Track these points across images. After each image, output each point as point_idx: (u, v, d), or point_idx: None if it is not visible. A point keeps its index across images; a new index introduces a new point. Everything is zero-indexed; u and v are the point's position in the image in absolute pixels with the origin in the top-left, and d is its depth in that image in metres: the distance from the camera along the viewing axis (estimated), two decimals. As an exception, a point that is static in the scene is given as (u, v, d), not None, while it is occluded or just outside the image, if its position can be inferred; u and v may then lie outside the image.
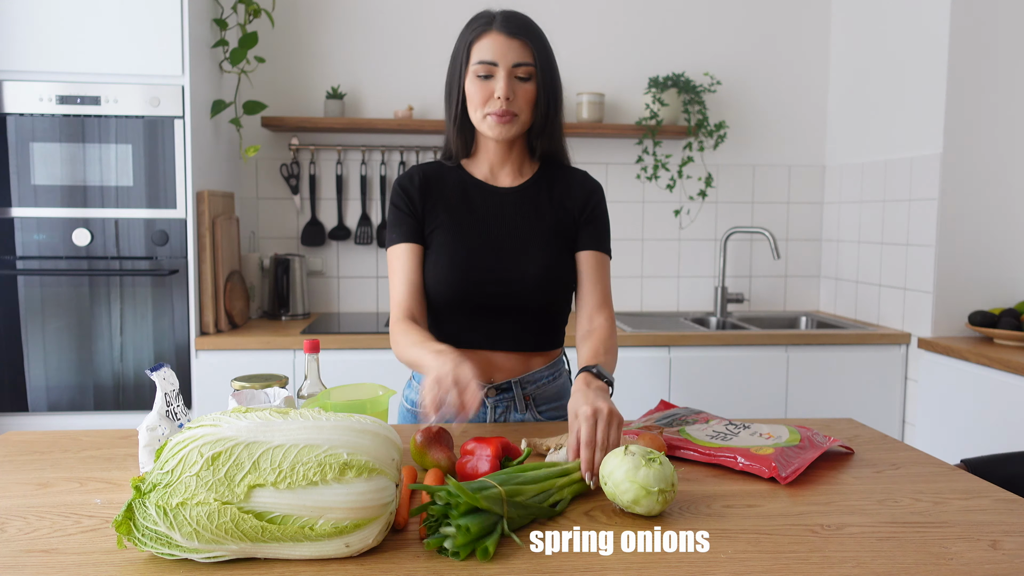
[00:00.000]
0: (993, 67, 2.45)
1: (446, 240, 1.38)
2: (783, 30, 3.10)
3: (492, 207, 1.41)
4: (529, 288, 1.37)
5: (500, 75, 1.31)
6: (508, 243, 1.38)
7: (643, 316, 3.04)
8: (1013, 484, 1.25)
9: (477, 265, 1.36)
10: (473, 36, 1.33)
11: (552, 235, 1.41)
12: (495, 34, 1.31)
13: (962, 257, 2.50)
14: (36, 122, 2.34)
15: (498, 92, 1.31)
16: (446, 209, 1.40)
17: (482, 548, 0.84)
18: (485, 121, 1.34)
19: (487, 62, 1.31)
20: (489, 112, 1.33)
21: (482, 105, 1.33)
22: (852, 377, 2.63)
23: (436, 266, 1.38)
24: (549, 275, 1.39)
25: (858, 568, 0.83)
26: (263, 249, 2.98)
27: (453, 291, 1.36)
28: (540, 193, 1.43)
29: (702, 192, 3.10)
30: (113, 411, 2.42)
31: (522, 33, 1.32)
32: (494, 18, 1.33)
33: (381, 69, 2.97)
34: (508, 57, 1.31)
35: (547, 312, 1.43)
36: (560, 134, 1.44)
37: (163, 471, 0.81)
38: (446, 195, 1.41)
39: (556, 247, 1.41)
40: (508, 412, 1.44)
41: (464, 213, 1.40)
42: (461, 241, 1.38)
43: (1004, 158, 2.47)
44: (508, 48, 1.31)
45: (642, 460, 0.95)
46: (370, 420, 0.89)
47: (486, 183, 1.43)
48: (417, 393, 1.47)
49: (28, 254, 2.37)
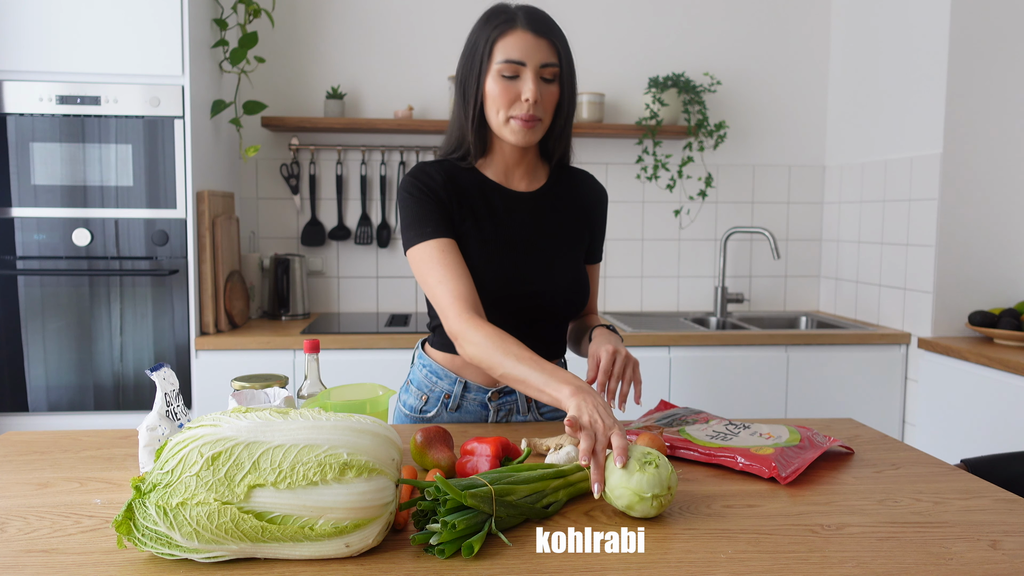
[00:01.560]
0: (993, 67, 2.45)
1: (472, 250, 1.30)
2: (783, 30, 3.10)
3: (513, 213, 1.35)
4: (559, 301, 1.35)
5: (527, 76, 1.24)
6: (534, 253, 1.34)
7: (643, 316, 3.04)
8: (1013, 484, 1.25)
9: (507, 274, 1.31)
10: (497, 33, 1.25)
11: (573, 243, 1.40)
12: (522, 32, 1.24)
13: (962, 257, 2.50)
14: (36, 122, 2.34)
15: (526, 94, 1.23)
16: (470, 210, 1.32)
17: (467, 546, 0.84)
18: (508, 125, 1.27)
19: (514, 61, 1.23)
20: (514, 115, 1.25)
21: (507, 107, 1.25)
22: (852, 377, 2.63)
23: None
24: (577, 287, 1.38)
25: (858, 568, 0.83)
26: (263, 249, 2.98)
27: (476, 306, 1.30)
28: (557, 199, 1.40)
29: (702, 192, 3.10)
30: (113, 411, 2.42)
31: (548, 32, 1.26)
32: (516, 14, 1.26)
33: (381, 69, 2.97)
34: (536, 57, 1.24)
35: (566, 321, 1.43)
36: (571, 137, 1.40)
37: (163, 471, 0.81)
38: (469, 198, 1.33)
39: (577, 255, 1.41)
40: (511, 414, 1.43)
41: (487, 220, 1.33)
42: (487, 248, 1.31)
43: (1004, 158, 2.47)
44: (536, 47, 1.24)
45: (637, 465, 0.94)
46: (370, 420, 0.89)
47: (504, 187, 1.36)
48: (415, 399, 1.44)
49: (28, 254, 2.37)
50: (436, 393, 1.41)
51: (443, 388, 1.41)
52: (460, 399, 1.40)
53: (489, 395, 1.40)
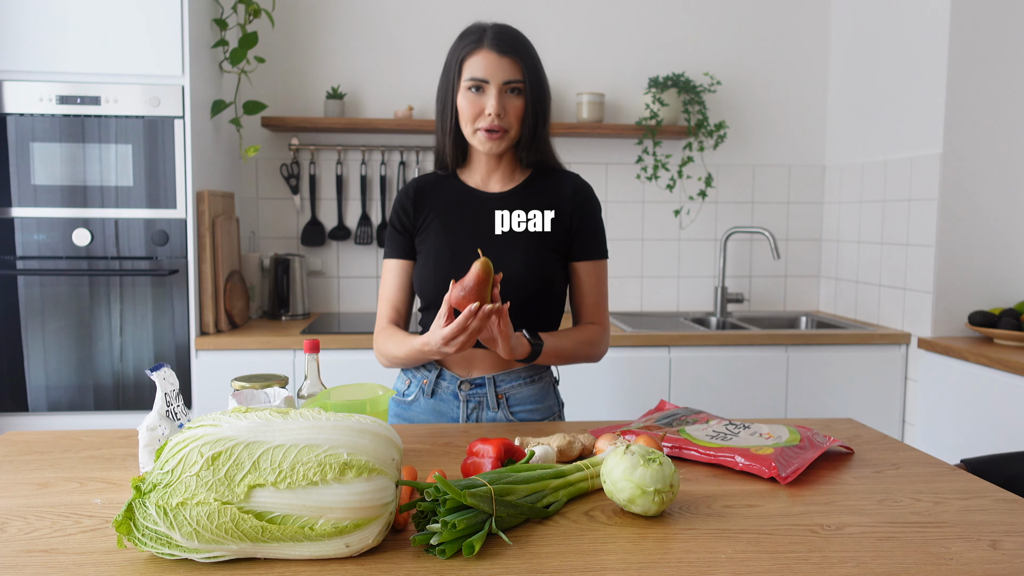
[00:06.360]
0: (993, 67, 2.45)
1: (433, 244, 1.46)
2: (783, 30, 3.10)
3: (482, 211, 1.47)
4: (511, 286, 1.39)
5: (491, 92, 1.36)
6: (493, 243, 1.44)
7: (643, 316, 3.04)
8: (1013, 484, 1.25)
9: (460, 264, 1.38)
10: (465, 52, 1.38)
11: (540, 236, 1.45)
12: (486, 51, 1.36)
13: (962, 257, 2.50)
14: (36, 122, 2.34)
15: (488, 108, 1.37)
16: (437, 216, 1.47)
17: (467, 545, 0.84)
18: (476, 136, 1.40)
19: (478, 79, 1.36)
20: (480, 127, 1.39)
21: (473, 120, 1.39)
22: (852, 377, 2.63)
23: (423, 268, 1.46)
24: (531, 272, 1.42)
25: (858, 568, 0.83)
26: (263, 249, 2.98)
27: (436, 289, 1.42)
28: (529, 196, 1.48)
29: (702, 192, 3.10)
30: (113, 411, 2.42)
31: (512, 51, 1.37)
32: (484, 34, 1.38)
33: (381, 69, 2.97)
34: (498, 75, 1.36)
35: (530, 310, 1.44)
36: (547, 143, 1.49)
37: (163, 471, 0.81)
38: (439, 204, 1.49)
39: (541, 246, 1.44)
40: (480, 409, 1.47)
41: (453, 218, 1.47)
42: (446, 243, 1.45)
43: (1004, 158, 2.47)
44: (499, 66, 1.36)
45: (640, 460, 0.95)
46: (370, 420, 0.89)
47: (477, 190, 1.49)
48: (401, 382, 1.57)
49: (28, 254, 2.37)
50: (417, 378, 1.52)
51: (422, 374, 1.51)
52: (435, 385, 1.49)
53: (459, 384, 1.46)
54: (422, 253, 1.48)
